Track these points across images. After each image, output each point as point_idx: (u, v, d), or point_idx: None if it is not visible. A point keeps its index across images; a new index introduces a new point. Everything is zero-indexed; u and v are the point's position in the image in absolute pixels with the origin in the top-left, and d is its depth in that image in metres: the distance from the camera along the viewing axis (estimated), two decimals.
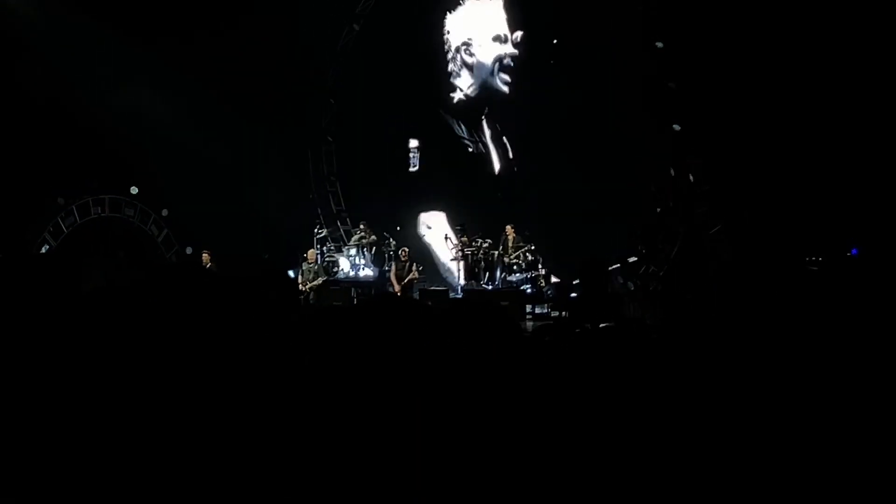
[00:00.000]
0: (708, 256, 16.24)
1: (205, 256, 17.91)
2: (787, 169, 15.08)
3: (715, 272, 15.95)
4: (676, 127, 18.04)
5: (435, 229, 22.07)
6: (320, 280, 18.68)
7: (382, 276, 19.95)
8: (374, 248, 20.63)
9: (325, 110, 22.73)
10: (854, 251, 14.00)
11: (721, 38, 15.68)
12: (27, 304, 2.90)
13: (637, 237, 17.23)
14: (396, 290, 18.38)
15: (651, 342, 2.69)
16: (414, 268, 18.82)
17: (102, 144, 17.97)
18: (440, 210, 22.06)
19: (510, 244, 19.22)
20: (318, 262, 19.37)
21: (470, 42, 21.90)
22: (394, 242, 20.41)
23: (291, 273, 19.03)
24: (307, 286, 18.34)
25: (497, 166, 21.53)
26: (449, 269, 21.02)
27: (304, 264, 18.97)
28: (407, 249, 19.16)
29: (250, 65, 19.57)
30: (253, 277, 3.11)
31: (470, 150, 21.86)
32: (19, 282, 3.01)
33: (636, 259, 17.19)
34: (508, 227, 19.34)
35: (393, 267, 18.97)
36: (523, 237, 19.27)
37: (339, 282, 19.90)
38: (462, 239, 19.82)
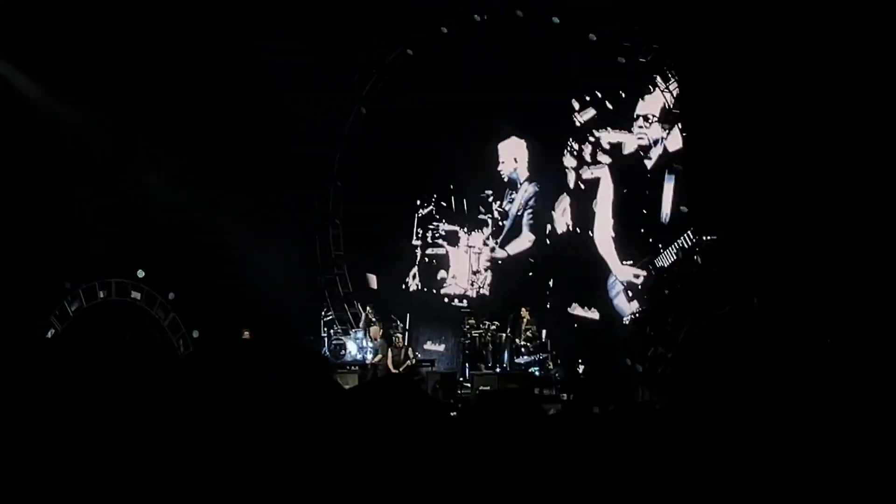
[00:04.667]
0: (716, 339, 16.08)
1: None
2: (799, 251, 14.98)
3: (717, 356, 15.84)
4: (684, 209, 18.05)
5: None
6: (412, 360, 18.78)
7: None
8: (381, 331, 20.54)
9: (333, 193, 22.77)
10: None
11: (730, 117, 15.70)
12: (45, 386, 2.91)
13: (644, 319, 17.13)
14: None
15: (657, 425, 2.63)
16: (410, 354, 18.69)
17: (109, 227, 17.97)
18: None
19: (523, 326, 19.10)
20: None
21: None
22: (401, 325, 20.29)
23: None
24: (398, 366, 18.34)
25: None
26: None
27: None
28: (400, 336, 19.09)
29: (257, 149, 19.69)
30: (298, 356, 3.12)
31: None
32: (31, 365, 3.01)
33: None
34: (524, 310, 19.29)
35: (389, 354, 18.84)
36: (535, 319, 19.19)
37: (346, 364, 19.71)
38: (469, 321, 19.71)
